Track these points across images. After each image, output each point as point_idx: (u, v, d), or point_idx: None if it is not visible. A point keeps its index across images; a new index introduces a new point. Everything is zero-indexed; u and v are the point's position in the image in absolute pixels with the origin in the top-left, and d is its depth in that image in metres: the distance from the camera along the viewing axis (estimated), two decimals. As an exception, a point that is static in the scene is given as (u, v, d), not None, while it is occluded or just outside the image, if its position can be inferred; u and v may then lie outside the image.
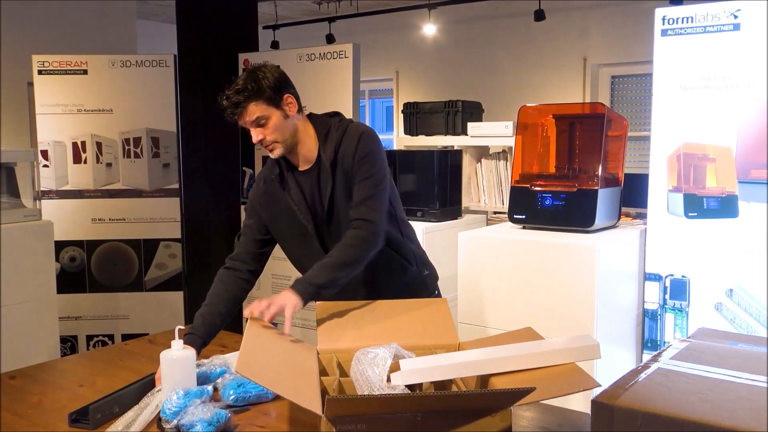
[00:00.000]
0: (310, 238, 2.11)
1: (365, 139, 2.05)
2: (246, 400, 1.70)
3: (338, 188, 2.05)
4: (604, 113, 2.77)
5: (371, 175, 2.03)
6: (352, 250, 1.99)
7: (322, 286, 1.92)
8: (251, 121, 1.98)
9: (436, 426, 1.30)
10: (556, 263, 2.57)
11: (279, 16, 7.37)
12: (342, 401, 1.34)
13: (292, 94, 2.01)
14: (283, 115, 1.98)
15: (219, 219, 4.61)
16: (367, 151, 2.04)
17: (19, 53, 4.81)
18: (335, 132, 2.06)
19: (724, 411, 0.97)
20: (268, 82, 1.95)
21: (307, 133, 2.06)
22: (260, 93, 1.94)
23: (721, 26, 2.59)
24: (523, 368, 1.47)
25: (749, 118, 2.55)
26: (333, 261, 1.97)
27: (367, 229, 2.01)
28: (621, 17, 6.24)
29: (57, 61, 4.27)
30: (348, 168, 2.04)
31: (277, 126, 1.98)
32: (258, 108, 1.96)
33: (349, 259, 1.98)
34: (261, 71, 1.97)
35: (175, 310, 4.42)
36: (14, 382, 1.94)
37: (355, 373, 1.54)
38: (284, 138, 2.01)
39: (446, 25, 7.20)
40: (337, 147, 2.04)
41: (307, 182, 2.09)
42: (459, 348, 1.72)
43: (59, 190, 4.31)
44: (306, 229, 2.10)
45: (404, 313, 1.89)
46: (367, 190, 2.03)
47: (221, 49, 4.50)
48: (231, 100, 1.96)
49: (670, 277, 2.75)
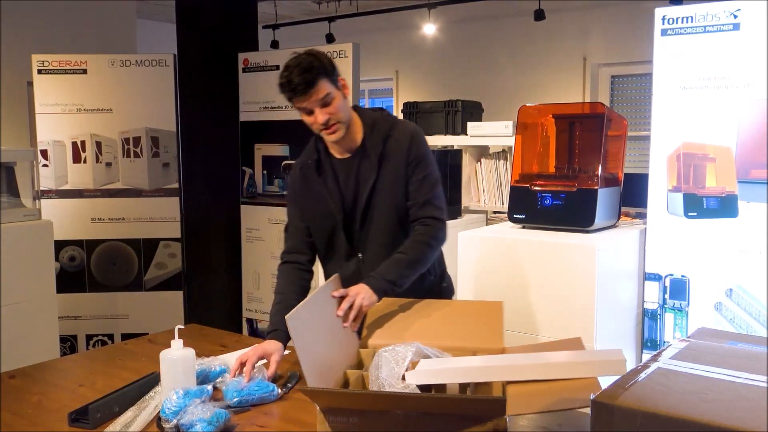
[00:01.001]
0: (338, 229, 2.08)
1: (418, 136, 2.06)
2: (249, 402, 1.69)
3: (383, 180, 2.02)
4: (603, 113, 2.77)
5: (430, 173, 2.04)
6: (425, 248, 2.00)
7: (394, 281, 1.91)
8: (320, 99, 1.91)
9: (427, 427, 1.30)
10: (556, 263, 2.57)
11: (279, 15, 7.37)
12: (329, 394, 1.37)
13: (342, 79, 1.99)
14: (342, 96, 1.97)
15: (219, 218, 4.61)
16: (424, 149, 2.05)
17: (19, 53, 4.81)
18: (382, 125, 2.05)
19: (723, 411, 0.97)
20: (327, 61, 1.93)
21: (353, 120, 2.04)
22: (326, 70, 1.91)
23: (721, 26, 2.59)
24: (542, 378, 1.42)
25: (749, 118, 2.55)
26: (405, 257, 1.96)
27: (437, 227, 2.02)
28: (621, 17, 6.24)
29: (57, 61, 4.27)
30: (399, 162, 2.02)
31: (340, 106, 1.95)
32: (327, 86, 1.91)
33: (421, 257, 1.99)
34: (314, 54, 1.94)
35: (175, 310, 4.42)
36: (14, 382, 1.94)
37: (372, 368, 1.54)
38: (346, 118, 1.98)
39: (446, 25, 7.20)
40: (385, 139, 2.02)
41: (345, 171, 2.06)
42: (502, 353, 1.69)
43: (59, 190, 4.31)
44: (335, 218, 2.07)
45: (455, 313, 1.88)
46: (429, 190, 2.04)
47: (221, 48, 4.50)
48: (303, 78, 1.88)
49: (670, 277, 2.75)
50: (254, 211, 4.41)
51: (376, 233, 2.06)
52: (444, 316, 1.87)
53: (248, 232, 4.45)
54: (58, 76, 4.27)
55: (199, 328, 2.46)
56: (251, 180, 4.41)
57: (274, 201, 4.32)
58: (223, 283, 4.60)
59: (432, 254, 2.03)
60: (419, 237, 2.01)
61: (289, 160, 4.22)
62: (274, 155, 4.29)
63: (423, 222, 2.02)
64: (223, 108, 4.48)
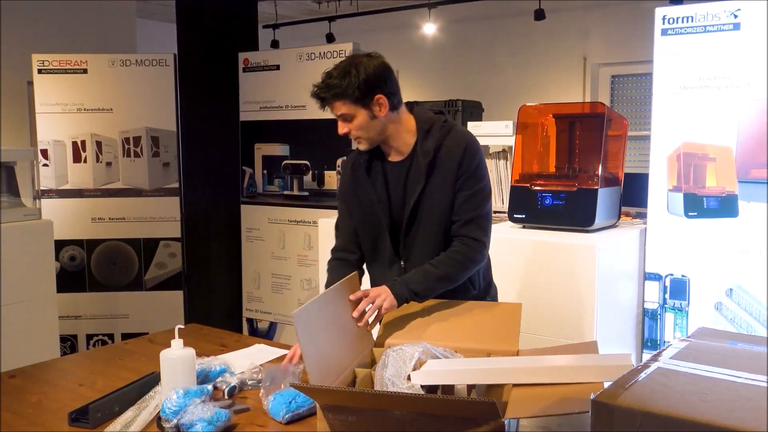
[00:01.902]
0: (384, 233, 2.02)
1: (473, 147, 1.97)
2: (300, 415, 1.61)
3: (431, 189, 1.95)
4: (604, 113, 2.77)
5: (480, 189, 1.97)
6: (458, 267, 1.95)
7: (418, 293, 1.88)
8: (338, 114, 1.92)
9: (424, 428, 1.30)
10: (556, 263, 2.57)
11: (279, 15, 7.36)
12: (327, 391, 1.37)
13: (385, 94, 1.90)
14: (369, 116, 1.90)
15: (219, 218, 4.61)
16: (477, 162, 1.96)
17: (19, 52, 4.82)
18: (438, 131, 1.96)
19: (723, 411, 0.97)
20: (358, 81, 1.86)
21: (403, 126, 1.97)
22: (346, 93, 1.86)
23: (721, 26, 2.59)
24: (548, 382, 1.42)
25: (749, 118, 2.54)
26: (436, 272, 1.92)
27: (476, 249, 1.96)
28: (621, 16, 6.24)
29: (57, 61, 4.26)
30: (449, 173, 1.94)
31: (362, 125, 1.91)
32: (344, 106, 1.89)
33: (452, 275, 1.94)
34: (356, 66, 1.88)
35: (175, 310, 4.42)
36: (14, 381, 1.94)
37: (378, 367, 1.55)
38: (369, 136, 1.94)
39: (446, 25, 7.20)
40: (438, 147, 1.95)
41: (395, 174, 2.00)
42: (516, 355, 1.69)
43: (59, 190, 4.31)
44: (381, 222, 2.01)
45: (473, 314, 1.87)
46: (477, 207, 1.96)
47: (221, 48, 4.50)
48: (318, 94, 1.90)
49: (670, 277, 2.75)
50: (254, 211, 4.41)
51: (420, 242, 2.00)
52: (461, 318, 1.86)
53: (248, 231, 4.45)
54: (59, 76, 4.27)
55: (199, 328, 2.46)
56: (251, 180, 4.41)
57: (275, 201, 4.32)
58: (223, 282, 4.60)
59: (464, 274, 1.97)
60: (455, 255, 1.95)
61: (289, 159, 4.22)
62: (274, 155, 4.29)
63: (462, 240, 1.96)
64: (224, 108, 4.48)
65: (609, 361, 1.47)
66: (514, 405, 1.33)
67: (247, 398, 1.75)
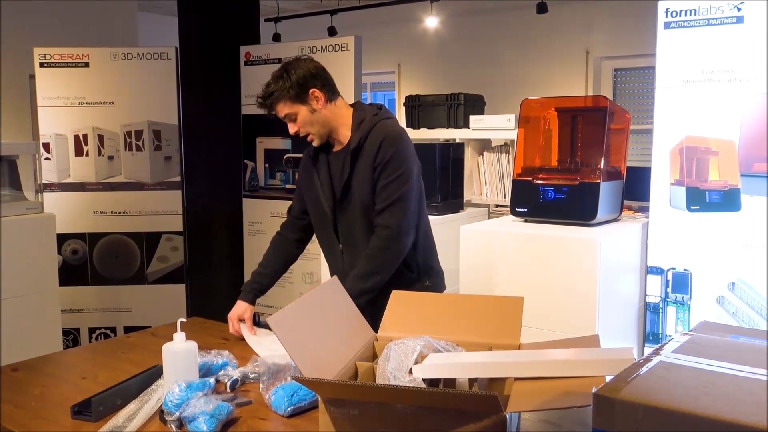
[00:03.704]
0: (328, 220, 2.21)
1: (391, 138, 2.10)
2: (303, 408, 1.61)
3: (356, 178, 2.12)
4: (606, 106, 2.76)
5: (395, 178, 2.09)
6: (373, 260, 2.08)
7: (355, 296, 1.91)
8: (283, 117, 2.13)
9: (426, 421, 1.30)
10: (558, 257, 2.57)
11: (281, 8, 7.34)
12: (329, 384, 1.37)
13: (318, 88, 2.09)
14: (309, 110, 2.10)
15: (221, 212, 4.61)
16: (393, 152, 2.09)
17: (21, 46, 4.81)
18: (366, 123, 2.13)
19: (725, 404, 0.97)
20: (291, 81, 2.07)
21: (343, 118, 2.16)
22: (282, 94, 2.08)
23: (725, 19, 2.58)
24: (549, 376, 1.41)
25: (752, 112, 2.54)
26: (358, 272, 2.07)
27: (385, 236, 2.08)
28: (624, 10, 6.21)
29: (58, 54, 4.26)
30: (369, 163, 2.10)
31: (305, 120, 2.11)
32: (285, 107, 2.10)
33: (372, 269, 2.07)
34: (287, 69, 2.09)
35: (177, 303, 4.43)
36: (17, 375, 1.94)
37: (380, 360, 1.55)
38: (316, 129, 2.13)
39: (448, 18, 7.17)
40: (363, 139, 2.11)
41: (336, 164, 2.18)
42: (518, 349, 1.69)
43: (61, 183, 4.32)
44: (324, 209, 2.19)
45: (474, 308, 1.88)
46: (389, 196, 2.09)
47: (223, 41, 4.50)
48: (262, 103, 2.13)
49: (672, 271, 2.75)
50: (256, 205, 4.41)
51: (352, 228, 2.17)
52: (462, 311, 1.87)
53: (250, 225, 4.45)
54: (60, 69, 4.26)
55: (202, 321, 2.46)
56: (253, 173, 4.41)
57: (276, 194, 4.31)
58: (225, 276, 4.61)
59: (385, 262, 2.09)
60: (369, 250, 2.10)
61: (291, 153, 4.22)
62: (276, 148, 4.29)
63: (377, 231, 2.11)
64: (225, 101, 4.48)
65: (611, 355, 1.46)
66: (515, 399, 1.33)
67: (249, 391, 1.76)
